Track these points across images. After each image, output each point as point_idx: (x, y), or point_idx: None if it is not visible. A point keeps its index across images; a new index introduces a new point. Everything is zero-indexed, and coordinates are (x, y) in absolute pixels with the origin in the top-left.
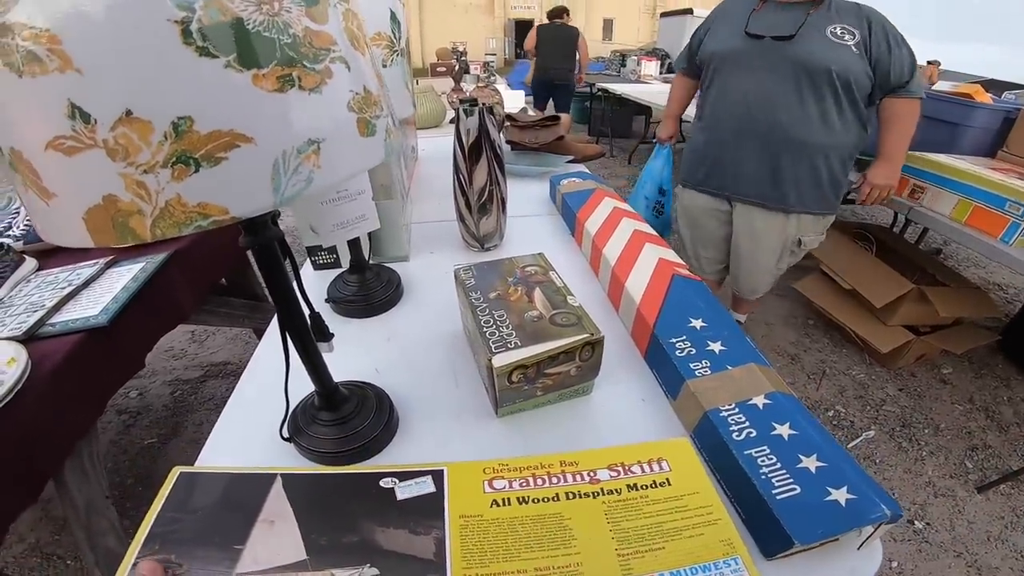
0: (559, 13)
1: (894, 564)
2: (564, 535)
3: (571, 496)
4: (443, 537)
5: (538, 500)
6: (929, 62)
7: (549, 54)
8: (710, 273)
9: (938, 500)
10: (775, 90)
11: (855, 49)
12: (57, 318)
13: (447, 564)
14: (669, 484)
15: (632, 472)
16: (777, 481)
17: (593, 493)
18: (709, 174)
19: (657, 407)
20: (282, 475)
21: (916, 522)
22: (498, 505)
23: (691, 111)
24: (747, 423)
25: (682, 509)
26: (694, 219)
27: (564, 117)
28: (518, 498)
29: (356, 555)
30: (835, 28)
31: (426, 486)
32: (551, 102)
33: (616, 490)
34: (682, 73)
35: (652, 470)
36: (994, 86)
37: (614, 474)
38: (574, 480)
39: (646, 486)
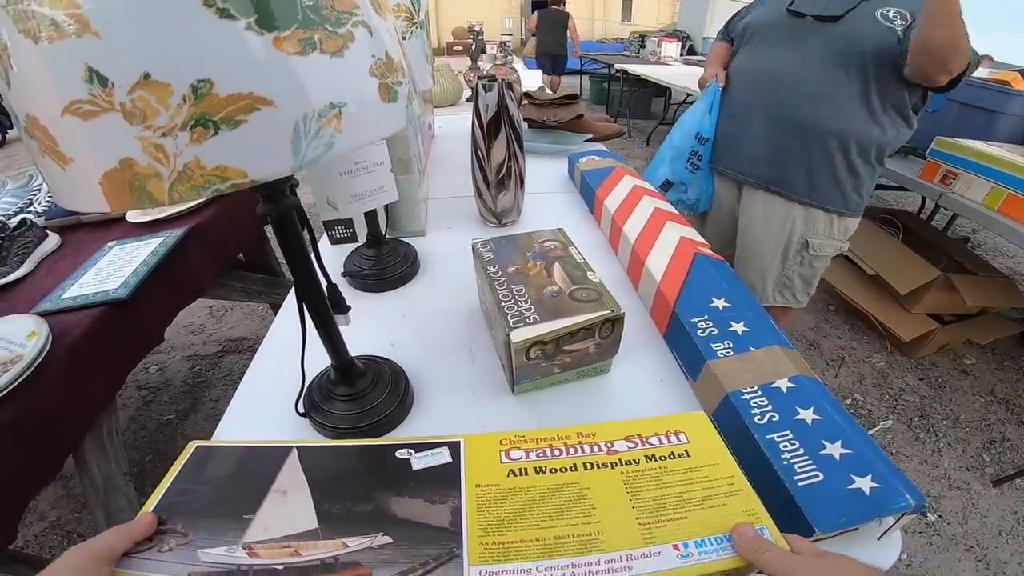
0: (557, 0)
1: (904, 556)
2: (583, 504)
3: (589, 467)
4: (459, 506)
5: (555, 470)
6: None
7: (546, 31)
8: None
9: (952, 493)
10: (797, 70)
11: (900, 34)
12: (77, 291)
13: (463, 532)
14: (688, 455)
15: (650, 444)
16: (799, 467)
17: (611, 464)
18: (721, 152)
19: (676, 388)
20: (298, 447)
21: (929, 514)
22: (515, 475)
23: None
24: (770, 407)
25: (703, 480)
26: (708, 208)
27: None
28: (535, 468)
29: (369, 524)
30: (887, 11)
31: (442, 457)
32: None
33: (634, 460)
34: (719, 40)
35: (670, 441)
36: None
37: (631, 445)
38: (591, 451)
39: (664, 457)
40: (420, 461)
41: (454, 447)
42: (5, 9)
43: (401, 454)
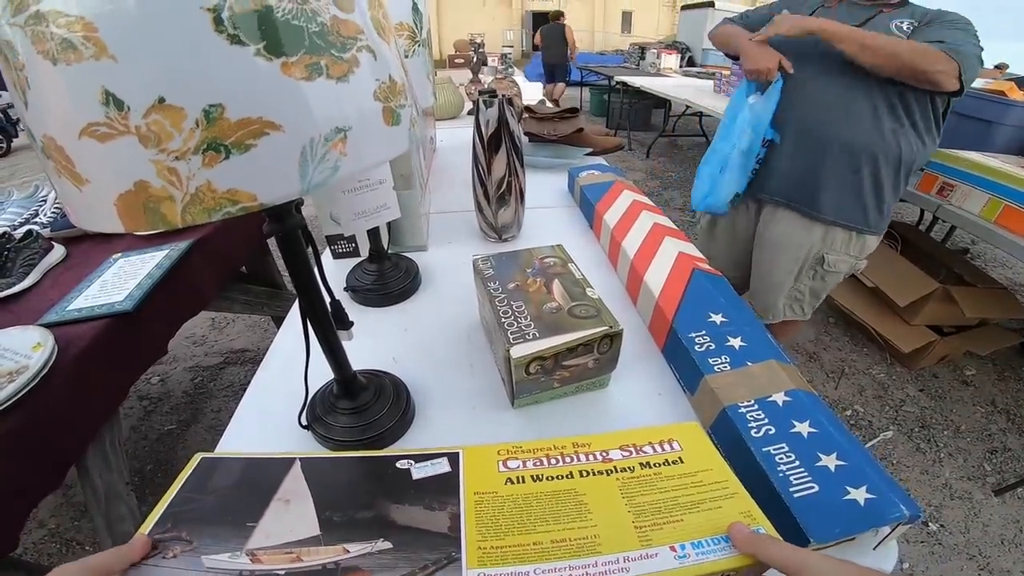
0: (556, 16)
1: (905, 565)
2: (579, 509)
3: (584, 474)
4: (458, 512)
5: (552, 478)
6: (996, 66)
7: (548, 45)
8: None
9: (954, 502)
10: (821, 86)
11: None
12: (82, 303)
13: (462, 537)
14: (682, 462)
15: (644, 452)
16: (795, 479)
17: (606, 471)
18: None
19: (674, 402)
20: (301, 459)
21: (931, 524)
22: (513, 483)
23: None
24: (766, 420)
25: (697, 484)
26: (717, 221)
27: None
28: (532, 476)
29: (370, 530)
30: (901, 22)
31: (442, 466)
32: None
33: (629, 468)
34: (735, 23)
35: (664, 449)
36: None
37: (626, 454)
38: (587, 460)
39: (659, 464)
40: (420, 471)
41: (453, 458)
42: (23, 29)
43: (401, 464)
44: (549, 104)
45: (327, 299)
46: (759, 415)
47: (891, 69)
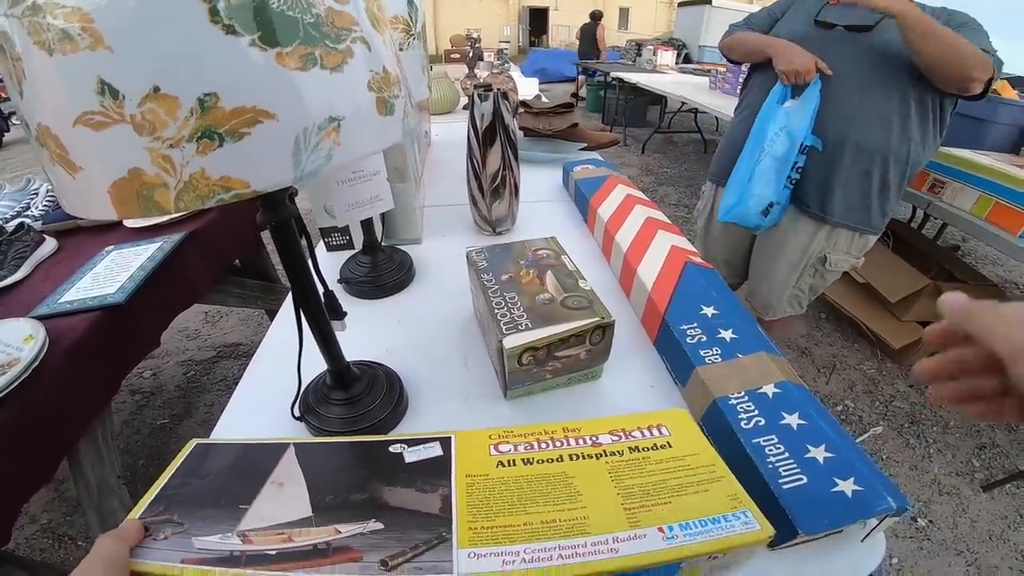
0: (595, 16)
1: (894, 560)
2: (569, 491)
3: (574, 457)
4: (449, 494)
5: (542, 461)
6: None
7: (583, 42)
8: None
9: (942, 498)
10: (837, 85)
11: None
12: (74, 296)
13: (453, 518)
14: (670, 447)
15: (633, 436)
16: (784, 471)
17: (596, 455)
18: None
19: (666, 393)
20: (295, 444)
21: (919, 519)
22: (504, 466)
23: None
24: (756, 411)
25: (685, 468)
26: (722, 223)
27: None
28: (523, 459)
29: (362, 511)
30: None
31: (434, 450)
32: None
33: (618, 452)
34: (746, 28)
35: (652, 434)
36: (1021, 83)
37: (615, 438)
38: (577, 444)
39: (647, 448)
40: (412, 455)
41: (445, 442)
42: (20, 21)
43: (394, 449)
44: (545, 100)
45: (320, 289)
46: (749, 407)
47: (943, 62)
